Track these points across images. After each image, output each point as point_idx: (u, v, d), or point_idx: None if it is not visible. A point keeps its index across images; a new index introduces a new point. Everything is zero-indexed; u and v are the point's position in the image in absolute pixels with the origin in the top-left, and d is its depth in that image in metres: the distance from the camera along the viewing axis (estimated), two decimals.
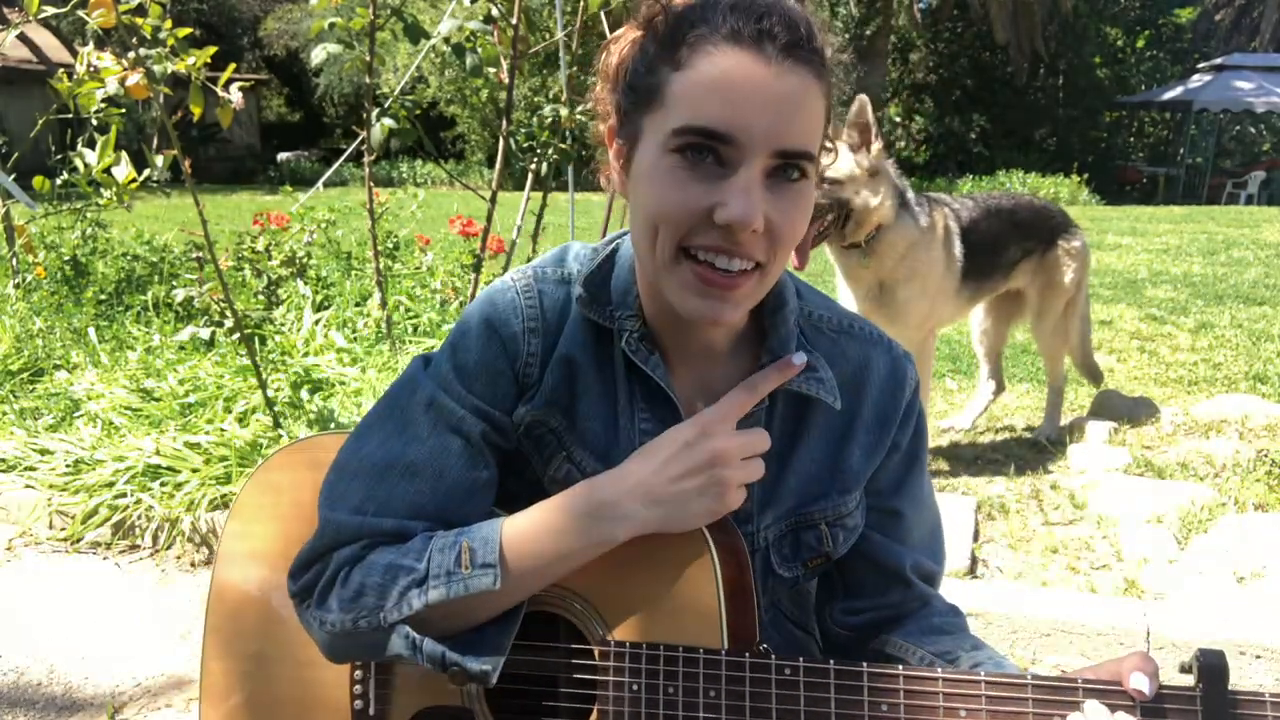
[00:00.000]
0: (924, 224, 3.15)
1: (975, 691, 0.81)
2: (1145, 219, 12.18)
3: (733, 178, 0.81)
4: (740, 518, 0.98)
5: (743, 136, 0.80)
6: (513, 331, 0.96)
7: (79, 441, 3.25)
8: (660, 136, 0.84)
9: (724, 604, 0.88)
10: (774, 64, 0.80)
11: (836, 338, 1.02)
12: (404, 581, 0.88)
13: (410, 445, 0.93)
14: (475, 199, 12.34)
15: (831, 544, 1.01)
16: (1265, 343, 5.31)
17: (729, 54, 0.81)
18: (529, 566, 0.89)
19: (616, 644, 0.89)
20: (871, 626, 1.07)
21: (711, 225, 0.82)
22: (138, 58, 2.68)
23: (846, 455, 1.01)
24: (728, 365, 0.99)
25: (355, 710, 0.98)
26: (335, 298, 4.80)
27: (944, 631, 1.04)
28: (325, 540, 0.92)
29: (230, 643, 1.02)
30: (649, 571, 0.90)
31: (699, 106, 0.81)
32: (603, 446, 0.98)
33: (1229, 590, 2.50)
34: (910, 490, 1.06)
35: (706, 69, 0.81)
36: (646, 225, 0.87)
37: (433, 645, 0.87)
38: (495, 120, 19.05)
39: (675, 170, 0.83)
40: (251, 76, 21.34)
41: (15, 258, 5.00)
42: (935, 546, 1.11)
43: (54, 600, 2.67)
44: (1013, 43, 18.65)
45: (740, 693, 0.86)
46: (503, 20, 2.96)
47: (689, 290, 0.86)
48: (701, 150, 0.82)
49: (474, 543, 0.89)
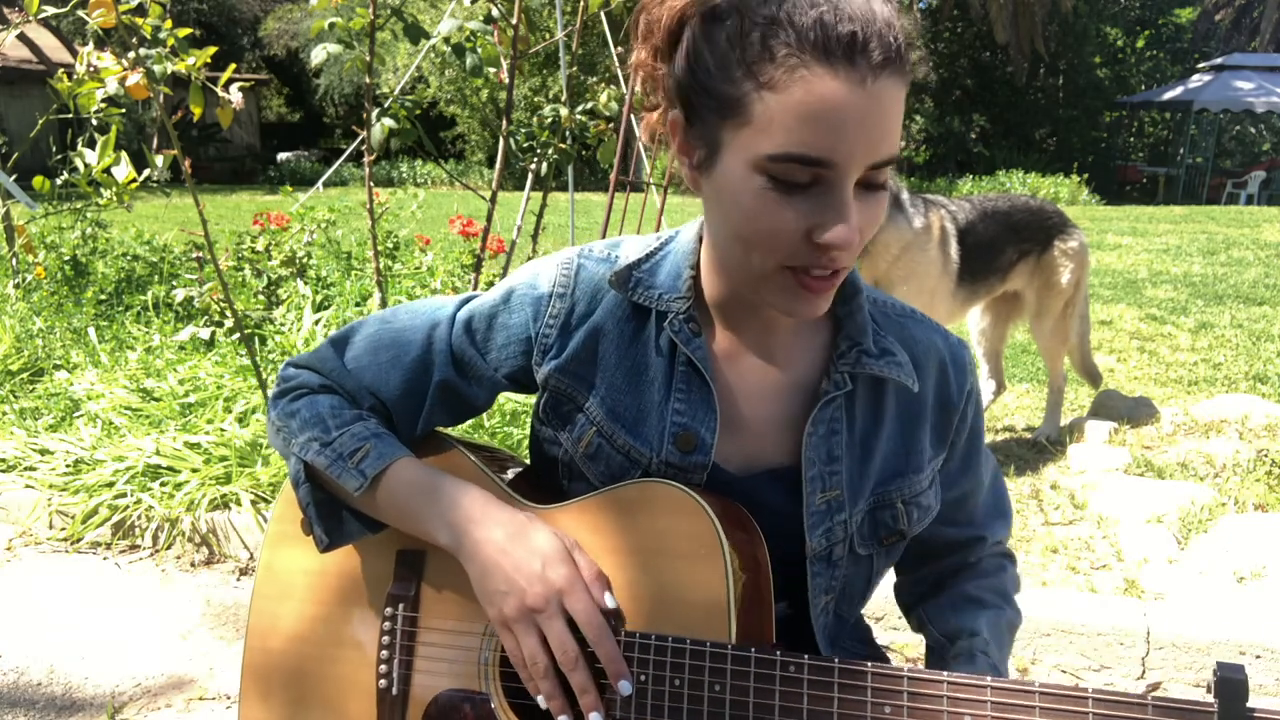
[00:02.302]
0: (918, 225, 3.15)
1: (981, 697, 0.81)
2: (1145, 219, 12.18)
3: (830, 199, 0.80)
4: (834, 509, 0.99)
5: (841, 160, 0.79)
6: (539, 294, 1.02)
7: (79, 441, 3.25)
8: (749, 155, 0.81)
9: (733, 599, 0.88)
10: (869, 84, 0.77)
11: (904, 322, 1.04)
12: (317, 432, 0.99)
13: (406, 349, 1.04)
14: (475, 199, 12.34)
15: (907, 521, 1.03)
16: (1265, 343, 5.31)
17: (823, 78, 0.76)
18: (385, 499, 0.98)
19: (625, 634, 0.89)
20: (937, 578, 1.14)
21: (810, 244, 0.82)
22: (138, 58, 2.68)
23: (919, 435, 1.03)
24: (794, 343, 1.01)
25: (380, 689, 1.01)
26: (335, 298, 4.80)
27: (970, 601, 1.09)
28: (312, 362, 1.06)
29: (272, 619, 1.08)
30: (660, 563, 0.91)
31: (795, 134, 0.78)
32: (633, 421, 1.00)
33: (1229, 590, 2.50)
34: (974, 470, 1.10)
35: (801, 95, 0.77)
36: (736, 241, 0.86)
37: (306, 492, 0.99)
38: (495, 120, 19.08)
39: (767, 193, 0.81)
40: (251, 76, 21.33)
41: (15, 258, 5.00)
42: (1003, 505, 1.16)
43: (54, 600, 2.67)
44: (1013, 43, 18.66)
45: (745, 688, 0.86)
46: (503, 20, 2.96)
47: (789, 295, 0.87)
48: (798, 175, 0.80)
49: (374, 450, 0.98)
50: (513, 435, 3.15)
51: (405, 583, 1.02)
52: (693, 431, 0.98)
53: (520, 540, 0.90)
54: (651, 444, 0.99)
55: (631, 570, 0.92)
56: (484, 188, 3.61)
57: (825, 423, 0.98)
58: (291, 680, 1.07)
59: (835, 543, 1.00)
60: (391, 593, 1.02)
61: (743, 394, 1.00)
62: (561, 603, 0.87)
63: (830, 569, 1.01)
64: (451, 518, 0.94)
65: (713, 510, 0.90)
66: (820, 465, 0.98)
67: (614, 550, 0.93)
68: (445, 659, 0.99)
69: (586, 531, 0.95)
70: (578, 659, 0.86)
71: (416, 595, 1.02)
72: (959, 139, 20.89)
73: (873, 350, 0.98)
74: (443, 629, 1.00)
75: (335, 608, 1.06)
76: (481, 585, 0.91)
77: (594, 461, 1.01)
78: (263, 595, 1.09)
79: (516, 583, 0.88)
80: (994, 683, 0.81)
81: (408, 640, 1.01)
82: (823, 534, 0.99)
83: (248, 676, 1.09)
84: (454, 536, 0.93)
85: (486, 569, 0.90)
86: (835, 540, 1.00)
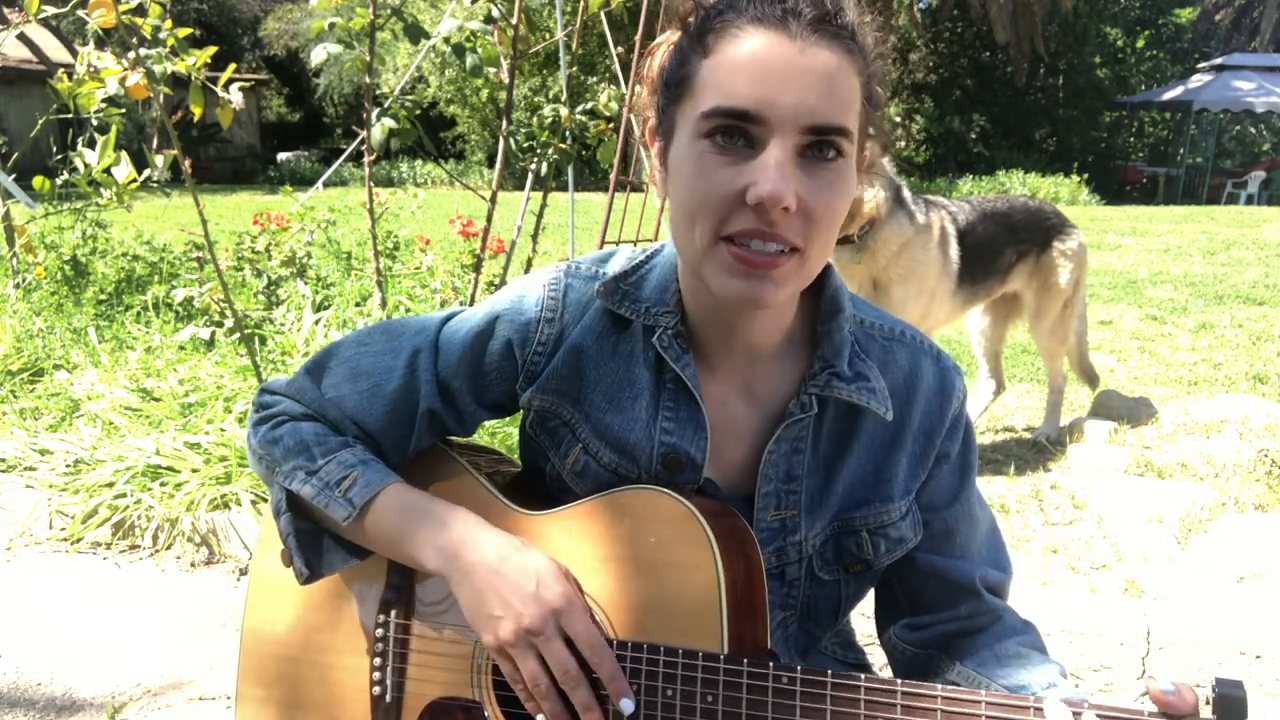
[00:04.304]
0: (920, 222, 3.15)
1: (976, 711, 0.80)
2: (1145, 219, 12.17)
3: (762, 155, 0.80)
4: (789, 529, 0.97)
5: (770, 113, 0.79)
6: (526, 319, 0.99)
7: (79, 441, 3.25)
8: (691, 125, 0.83)
9: (725, 610, 0.87)
10: (799, 39, 0.79)
11: (888, 345, 1.00)
12: (301, 460, 0.97)
13: (387, 377, 1.01)
14: (475, 199, 12.33)
15: (872, 551, 1.00)
16: (1265, 343, 5.31)
17: (754, 34, 0.80)
18: (374, 527, 0.95)
19: (618, 644, 0.89)
20: (939, 641, 1.04)
21: (746, 208, 0.81)
22: (138, 58, 2.68)
23: (892, 464, 0.99)
24: (774, 367, 0.98)
25: (374, 696, 1.01)
26: (335, 298, 4.80)
27: (1018, 658, 0.98)
28: (290, 390, 1.03)
29: (265, 627, 1.08)
30: (653, 573, 0.90)
31: (725, 88, 0.80)
32: (619, 439, 0.98)
33: (1229, 590, 2.50)
34: (964, 503, 1.04)
35: (731, 51, 0.81)
36: (683, 216, 0.86)
37: (287, 522, 0.97)
38: (495, 120, 19.07)
39: (706, 155, 0.82)
40: (251, 76, 21.32)
41: (15, 258, 5.00)
42: (998, 555, 1.07)
43: (54, 600, 2.67)
44: (1013, 43, 18.65)
45: (737, 699, 0.85)
46: (503, 20, 2.96)
47: (727, 273, 0.84)
48: (732, 133, 0.81)
49: (362, 477, 0.95)
50: (512, 435, 3.15)
51: (398, 589, 1.01)
52: (681, 452, 0.96)
53: (513, 562, 0.89)
54: (638, 461, 0.97)
55: (624, 578, 0.91)
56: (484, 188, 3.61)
57: (789, 441, 0.96)
58: (286, 688, 1.06)
59: (788, 562, 0.98)
60: (384, 599, 1.01)
61: (723, 419, 0.98)
62: (559, 623, 0.86)
63: (783, 586, 1.00)
64: (441, 541, 0.92)
65: (706, 519, 0.89)
66: (777, 483, 0.96)
67: (607, 558, 0.92)
68: (438, 666, 0.99)
69: (580, 539, 0.94)
70: (580, 677, 0.85)
71: (409, 602, 1.01)
72: (959, 139, 20.88)
73: (845, 374, 0.95)
74: (436, 635, 0.99)
75: (328, 615, 1.05)
76: (474, 609, 0.89)
77: (581, 478, 1.01)
78: (256, 603, 1.08)
79: (511, 605, 0.86)
80: (988, 697, 0.80)
81: (401, 647, 1.00)
82: (774, 552, 0.97)
83: (243, 684, 1.09)
84: (444, 560, 0.91)
85: (479, 592, 0.88)
86: (788, 560, 0.98)
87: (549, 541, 0.96)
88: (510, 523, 0.97)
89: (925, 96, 21.43)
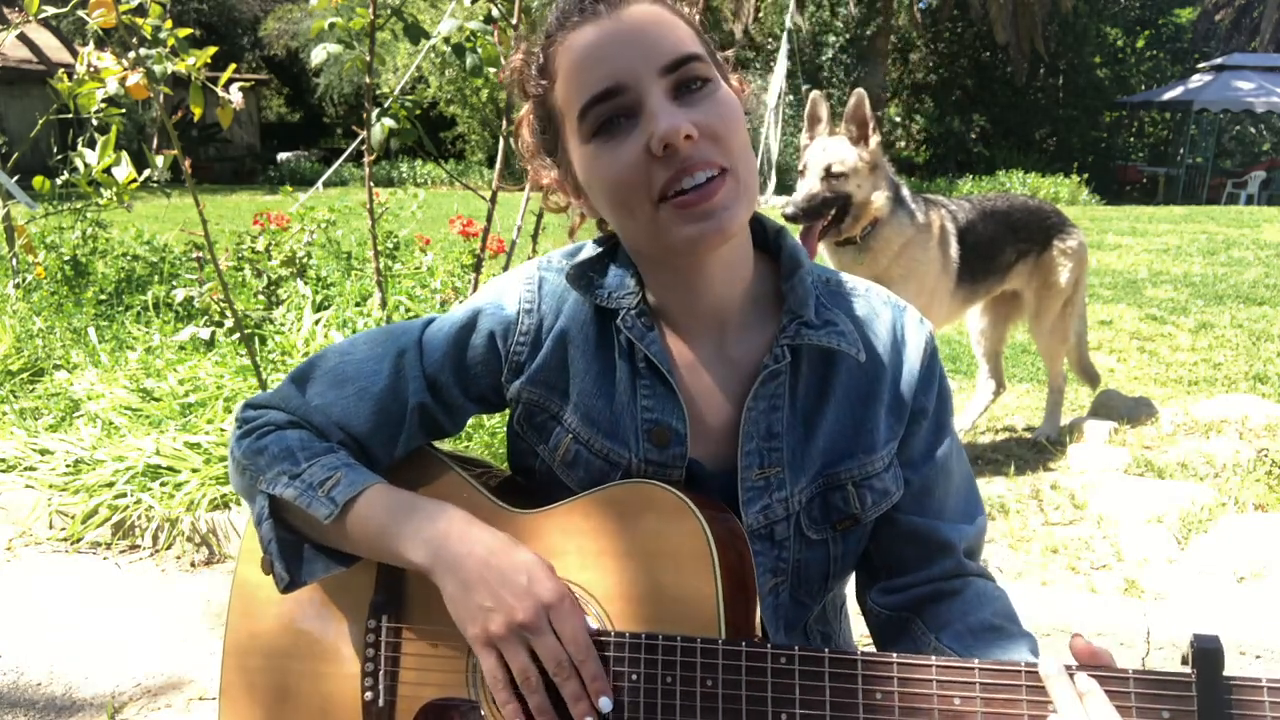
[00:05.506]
0: (921, 221, 3.15)
1: (970, 679, 0.82)
2: (1145, 219, 12.18)
3: (643, 116, 0.86)
4: (774, 485, 0.98)
5: (626, 77, 0.86)
6: (507, 312, 1.02)
7: (79, 441, 3.25)
8: (576, 138, 0.91)
9: (721, 595, 0.88)
10: (610, 13, 0.88)
11: (854, 299, 1.03)
12: (286, 466, 0.97)
13: (373, 380, 1.02)
14: (475, 199, 12.33)
15: (859, 505, 1.00)
16: (1265, 343, 5.31)
17: (575, 36, 0.89)
18: (356, 526, 0.94)
19: (616, 634, 0.89)
20: (913, 604, 1.04)
21: (658, 160, 0.86)
22: (138, 58, 2.68)
23: (870, 415, 1.00)
24: (745, 332, 1.00)
25: (365, 701, 1.00)
26: (335, 298, 4.80)
27: (992, 631, 0.99)
28: (275, 400, 1.04)
29: (249, 638, 1.06)
30: (648, 563, 0.91)
31: (581, 86, 0.88)
32: (608, 424, 1.00)
33: (1229, 590, 2.50)
34: (941, 459, 1.04)
35: (568, 60, 0.89)
36: (617, 208, 0.91)
37: (269, 529, 0.96)
38: (495, 120, 19.06)
39: (601, 149, 0.88)
40: (251, 76, 21.33)
41: (15, 258, 5.00)
42: (972, 506, 1.07)
43: (54, 600, 2.67)
44: (1013, 43, 18.65)
45: (737, 681, 0.86)
46: (503, 20, 2.96)
47: (677, 224, 0.88)
48: (610, 121, 0.87)
49: (345, 478, 0.95)
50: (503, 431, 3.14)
51: (388, 591, 1.00)
52: (664, 425, 0.98)
53: (503, 556, 0.89)
54: (628, 444, 0.99)
55: (621, 570, 0.92)
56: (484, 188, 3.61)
57: (766, 399, 0.97)
58: (271, 699, 1.04)
59: (775, 521, 0.99)
60: (374, 602, 1.00)
61: (703, 392, 0.99)
62: (550, 618, 0.86)
63: (773, 548, 1.00)
64: (428, 534, 0.91)
65: (698, 508, 0.91)
66: (759, 440, 0.98)
67: (603, 552, 0.93)
68: (431, 667, 0.98)
69: (575, 534, 0.95)
70: (573, 668, 0.86)
71: (400, 603, 1.00)
72: (959, 139, 20.87)
73: (814, 321, 0.97)
74: (428, 636, 0.99)
75: (315, 622, 1.03)
76: (461, 601, 0.88)
77: (573, 469, 1.01)
78: (239, 613, 1.06)
79: (503, 599, 0.86)
80: (981, 665, 0.82)
81: (392, 650, 0.99)
82: (760, 510, 0.98)
83: (225, 697, 1.06)
84: (431, 553, 0.90)
85: (468, 585, 0.88)
86: (775, 518, 0.99)
87: (543, 537, 0.96)
88: (501, 521, 0.97)
89: (925, 96, 21.44)
